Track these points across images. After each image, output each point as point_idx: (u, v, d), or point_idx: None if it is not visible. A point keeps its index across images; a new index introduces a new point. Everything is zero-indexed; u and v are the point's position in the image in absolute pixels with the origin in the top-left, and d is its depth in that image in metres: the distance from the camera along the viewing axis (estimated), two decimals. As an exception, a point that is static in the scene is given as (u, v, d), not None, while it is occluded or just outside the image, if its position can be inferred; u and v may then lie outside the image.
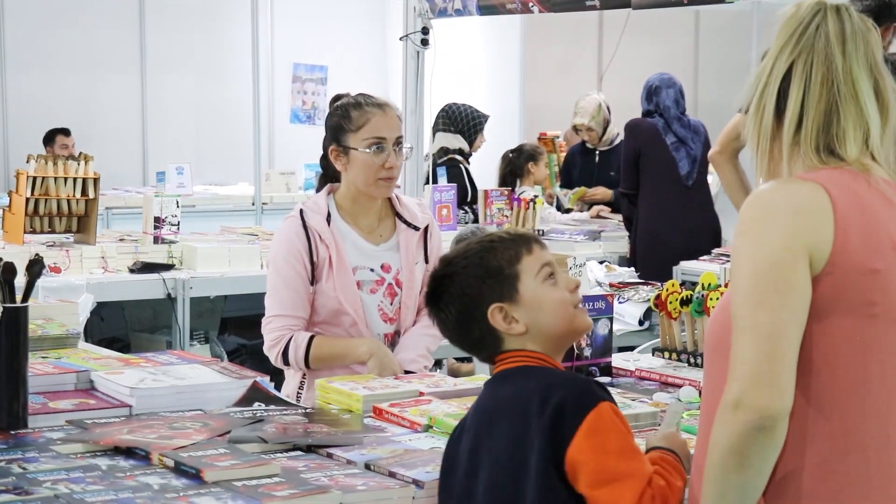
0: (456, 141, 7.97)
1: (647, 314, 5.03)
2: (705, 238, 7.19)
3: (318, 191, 3.83)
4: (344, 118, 3.66)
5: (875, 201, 2.14)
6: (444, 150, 7.97)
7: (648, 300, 4.89)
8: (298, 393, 3.67)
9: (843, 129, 2.16)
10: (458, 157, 7.95)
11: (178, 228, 6.25)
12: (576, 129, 8.47)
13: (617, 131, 8.31)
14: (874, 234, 2.11)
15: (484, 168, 8.77)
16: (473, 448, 2.38)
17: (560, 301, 2.44)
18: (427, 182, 7.08)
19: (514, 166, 8.62)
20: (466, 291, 2.44)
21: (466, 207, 7.80)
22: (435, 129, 7.97)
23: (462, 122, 7.99)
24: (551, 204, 8.41)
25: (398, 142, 3.67)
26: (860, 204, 2.12)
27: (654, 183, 7.18)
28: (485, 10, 6.18)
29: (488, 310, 2.42)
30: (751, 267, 2.07)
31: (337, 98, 3.77)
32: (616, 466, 2.22)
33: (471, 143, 8.04)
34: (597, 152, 8.35)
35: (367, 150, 3.62)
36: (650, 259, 6.97)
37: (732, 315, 2.08)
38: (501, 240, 2.47)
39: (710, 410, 2.16)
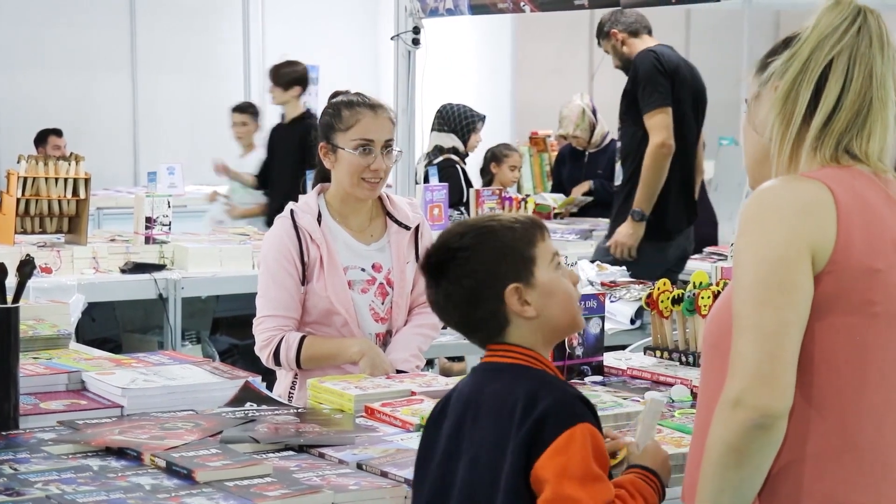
0: (449, 140, 7.95)
1: (639, 313, 5.03)
2: (710, 230, 7.19)
3: (313, 186, 3.83)
4: (335, 116, 3.67)
5: (878, 201, 2.14)
6: (438, 149, 7.96)
7: (640, 299, 4.90)
8: (290, 393, 3.67)
9: (870, 133, 2.16)
10: (454, 157, 7.93)
11: (170, 228, 6.24)
12: (563, 137, 8.48)
13: (607, 131, 8.31)
14: (876, 233, 2.11)
15: (472, 171, 8.78)
16: (454, 434, 2.36)
17: (570, 293, 2.42)
18: (418, 182, 7.07)
19: (485, 166, 8.63)
20: (483, 267, 2.35)
21: (462, 209, 7.75)
22: (431, 130, 7.96)
23: (455, 121, 7.98)
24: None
25: (388, 145, 3.67)
26: (863, 203, 2.12)
27: None
28: (476, 9, 6.17)
29: (505, 289, 2.34)
30: (753, 265, 2.07)
31: (335, 95, 3.77)
32: (573, 492, 2.19)
33: (465, 143, 8.03)
34: (586, 154, 8.35)
35: (354, 151, 3.62)
36: None
37: (734, 313, 2.08)
38: (517, 221, 2.41)
39: (707, 407, 2.16)
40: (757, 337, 2.04)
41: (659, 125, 6.17)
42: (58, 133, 9.99)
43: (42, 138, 9.96)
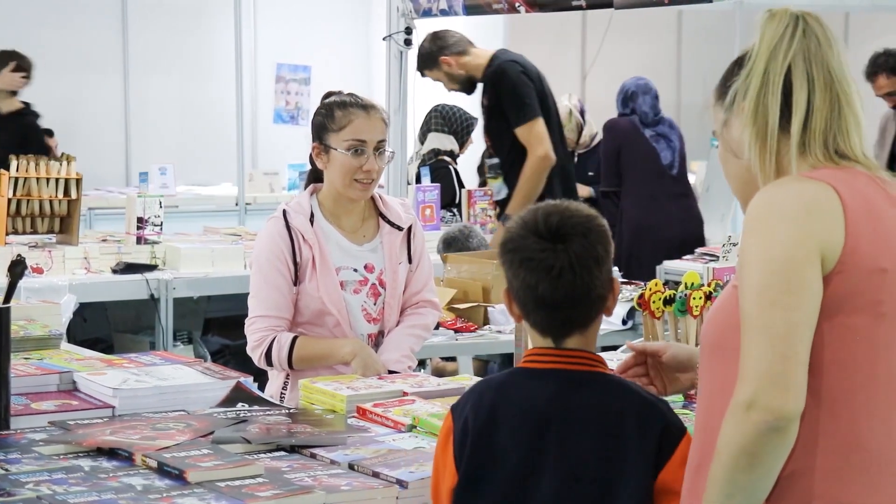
0: (448, 142, 7.94)
1: (631, 314, 5.04)
2: (695, 227, 7.20)
3: (305, 187, 3.83)
4: (328, 117, 3.67)
5: (880, 200, 2.15)
6: (434, 152, 7.94)
7: (632, 300, 4.89)
8: (282, 393, 3.67)
9: (847, 129, 2.17)
10: (447, 158, 7.92)
11: (161, 229, 6.23)
12: None
13: (596, 131, 8.32)
14: (882, 233, 2.11)
15: (466, 170, 8.76)
16: (532, 448, 2.30)
17: None
18: (410, 182, 7.07)
19: (482, 164, 8.62)
20: (610, 244, 2.39)
21: (454, 210, 7.73)
22: (426, 130, 7.94)
23: (456, 123, 7.95)
24: None
25: (380, 146, 3.66)
26: (867, 203, 2.12)
27: (637, 175, 7.19)
28: (471, 9, 6.17)
29: (615, 278, 2.38)
30: (762, 265, 2.06)
31: (329, 95, 3.77)
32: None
33: (461, 145, 8.02)
34: (576, 154, 8.36)
35: (346, 152, 3.62)
36: (638, 252, 6.96)
37: (742, 314, 2.07)
38: None
39: (708, 410, 2.16)
40: (768, 338, 2.02)
41: (536, 137, 6.12)
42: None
43: (34, 138, 9.93)
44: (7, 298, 2.91)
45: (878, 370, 2.10)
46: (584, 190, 8.20)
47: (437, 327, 4.62)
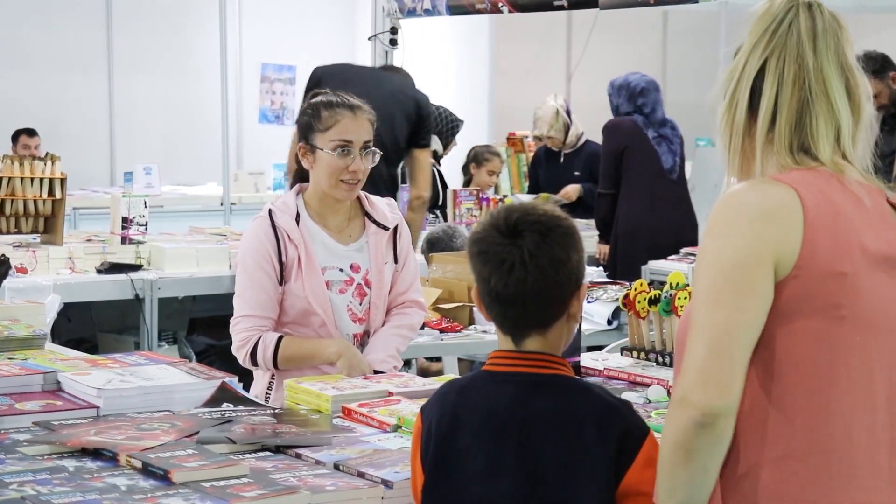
0: (433, 143, 7.93)
1: (616, 314, 5.04)
2: (691, 233, 7.20)
3: (291, 186, 3.83)
4: (314, 117, 3.66)
5: (846, 204, 2.15)
6: None
7: (617, 300, 4.91)
8: (267, 393, 3.67)
9: (816, 128, 2.17)
10: (431, 160, 7.91)
11: (146, 229, 6.22)
12: (537, 139, 8.48)
13: (582, 131, 8.32)
14: (843, 237, 2.11)
15: (452, 170, 8.77)
16: (493, 452, 2.30)
17: None
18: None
19: (466, 164, 8.63)
20: (581, 252, 2.37)
21: (437, 212, 7.72)
22: None
23: (440, 124, 7.94)
24: None
25: (366, 146, 3.67)
26: (831, 207, 2.12)
27: (637, 178, 7.15)
28: (454, 10, 6.18)
29: (582, 283, 2.37)
30: (713, 267, 2.08)
31: (315, 95, 3.76)
32: None
33: (445, 146, 8.01)
34: (562, 154, 8.36)
35: (332, 152, 3.62)
36: (633, 255, 6.94)
37: (692, 314, 2.10)
38: None
39: None
40: (705, 337, 2.06)
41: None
42: (30, 133, 9.93)
43: (16, 138, 9.91)
44: (-9, 298, 2.90)
45: (836, 373, 2.11)
46: (573, 189, 8.21)
47: (422, 327, 4.62)
